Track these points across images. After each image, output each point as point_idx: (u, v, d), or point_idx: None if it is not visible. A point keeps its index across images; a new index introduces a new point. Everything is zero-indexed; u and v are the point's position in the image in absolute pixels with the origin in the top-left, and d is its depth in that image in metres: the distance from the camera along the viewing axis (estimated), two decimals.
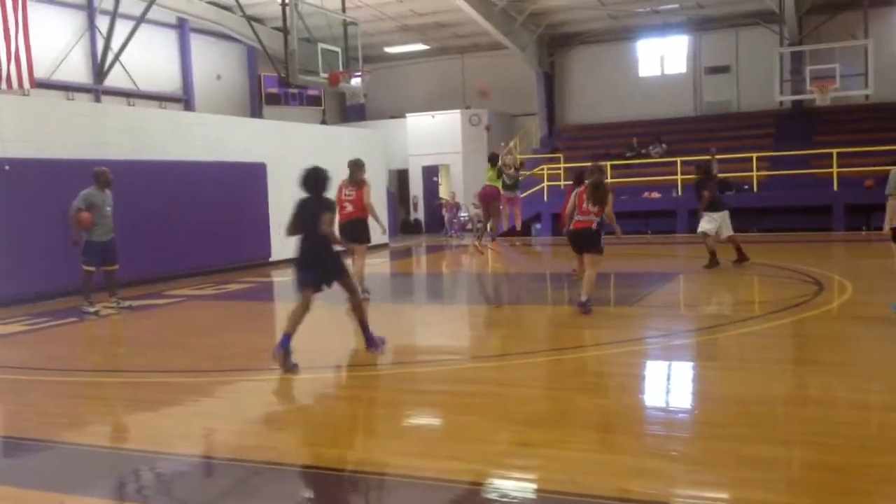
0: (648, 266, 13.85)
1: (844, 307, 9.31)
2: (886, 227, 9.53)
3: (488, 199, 15.68)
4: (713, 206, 12.98)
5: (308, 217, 7.00)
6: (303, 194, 7.13)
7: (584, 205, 9.46)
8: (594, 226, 9.49)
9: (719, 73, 25.89)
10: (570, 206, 9.70)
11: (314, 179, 7.11)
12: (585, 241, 9.63)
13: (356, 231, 10.50)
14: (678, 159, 21.58)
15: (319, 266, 7.15)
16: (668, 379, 6.79)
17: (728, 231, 13.02)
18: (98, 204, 10.53)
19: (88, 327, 10.15)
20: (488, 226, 16.26)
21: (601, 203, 9.37)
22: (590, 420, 5.39)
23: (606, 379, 6.70)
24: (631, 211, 14.25)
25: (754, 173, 21.12)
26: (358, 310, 7.48)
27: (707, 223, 12.89)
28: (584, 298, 9.27)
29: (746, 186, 21.55)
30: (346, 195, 10.78)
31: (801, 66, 21.09)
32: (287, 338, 6.93)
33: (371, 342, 7.46)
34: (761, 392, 5.88)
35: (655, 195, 22.18)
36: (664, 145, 23.79)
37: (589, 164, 11.74)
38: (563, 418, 5.46)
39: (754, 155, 21.20)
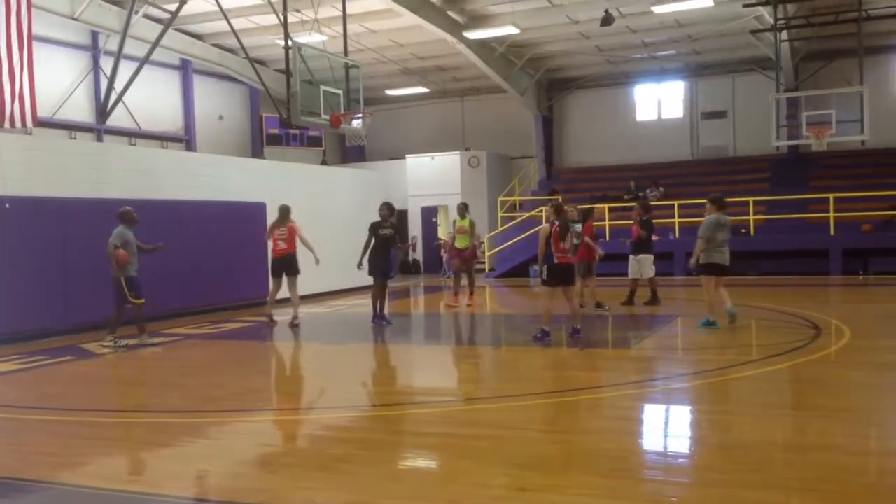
0: (647, 308, 13.85)
1: (842, 352, 9.28)
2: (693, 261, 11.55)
3: (469, 258, 15.20)
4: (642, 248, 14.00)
5: None
6: None
7: (561, 244, 10.16)
8: (574, 261, 10.71)
9: (716, 118, 26.14)
10: (544, 244, 10.25)
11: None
12: (569, 276, 10.47)
13: (290, 263, 12.91)
14: (675, 202, 21.69)
15: None
16: (667, 423, 6.75)
17: (650, 273, 14.02)
18: (130, 241, 11.12)
19: (83, 367, 10.09)
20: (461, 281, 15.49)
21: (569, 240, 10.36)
22: (588, 464, 5.35)
23: (605, 422, 6.66)
24: (612, 253, 14.39)
25: (751, 217, 21.20)
26: None
27: (632, 265, 14.01)
28: (577, 325, 10.50)
29: (744, 230, 21.61)
30: (278, 234, 13.00)
31: (797, 111, 21.29)
32: None
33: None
34: (760, 437, 5.84)
35: (654, 237, 22.18)
36: (661, 188, 23.92)
37: (580, 205, 12.56)
38: (562, 462, 5.42)
39: (751, 199, 21.31)
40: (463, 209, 15.17)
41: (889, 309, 14.26)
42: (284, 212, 13.20)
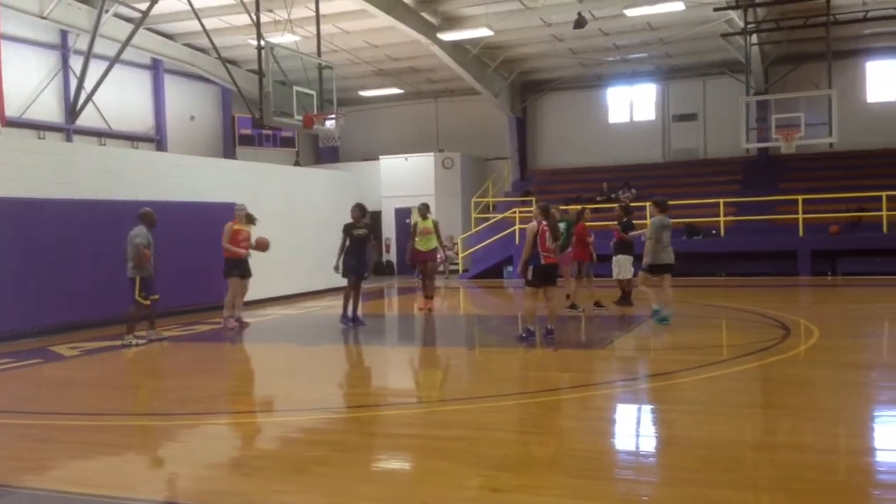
0: (618, 309, 13.94)
1: (811, 351, 9.41)
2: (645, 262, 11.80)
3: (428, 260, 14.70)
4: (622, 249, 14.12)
5: None
6: None
7: (547, 243, 10.17)
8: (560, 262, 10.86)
9: (687, 121, 26.41)
10: (532, 244, 10.26)
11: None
12: (552, 276, 10.51)
13: (248, 266, 13.12)
14: (647, 204, 21.84)
15: None
16: (638, 423, 6.81)
17: (627, 274, 14.13)
18: (152, 242, 11.43)
19: (50, 369, 9.97)
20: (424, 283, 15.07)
21: (559, 240, 10.58)
22: (561, 465, 5.38)
23: (577, 423, 6.70)
24: (601, 254, 14.42)
25: (721, 219, 21.43)
26: None
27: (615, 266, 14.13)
28: (550, 326, 10.48)
29: (714, 231, 21.86)
30: (245, 236, 12.99)
31: (766, 114, 21.55)
32: None
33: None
34: (730, 437, 5.91)
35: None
36: (633, 190, 24.10)
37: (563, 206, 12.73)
38: (534, 463, 5.45)
39: (721, 201, 21.54)
40: (424, 210, 14.74)
41: (856, 309, 14.49)
42: (251, 216, 13.36)
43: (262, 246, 12.99)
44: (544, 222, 10.30)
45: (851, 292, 17.53)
